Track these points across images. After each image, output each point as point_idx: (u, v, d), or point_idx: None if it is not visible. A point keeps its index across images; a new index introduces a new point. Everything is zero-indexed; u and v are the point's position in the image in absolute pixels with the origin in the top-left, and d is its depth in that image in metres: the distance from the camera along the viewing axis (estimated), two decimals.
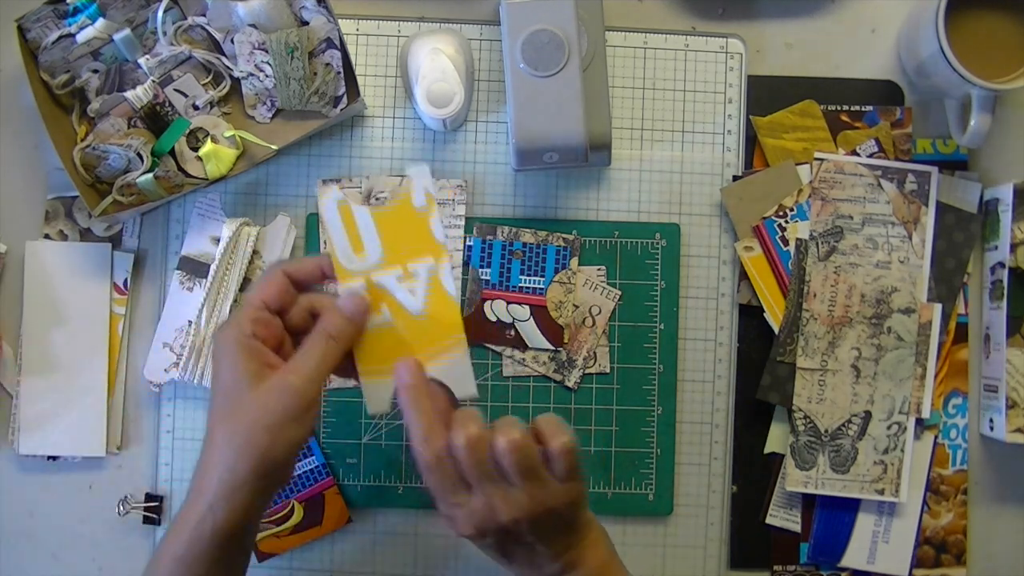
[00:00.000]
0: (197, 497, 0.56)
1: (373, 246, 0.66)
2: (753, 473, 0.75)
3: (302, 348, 0.58)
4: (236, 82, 0.74)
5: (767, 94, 0.77)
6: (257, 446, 0.55)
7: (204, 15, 0.72)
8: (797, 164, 0.75)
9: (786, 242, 0.75)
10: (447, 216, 0.75)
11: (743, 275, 0.76)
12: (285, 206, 0.76)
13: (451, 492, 0.58)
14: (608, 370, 0.75)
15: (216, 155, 0.73)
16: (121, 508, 0.74)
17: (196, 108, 0.73)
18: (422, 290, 0.65)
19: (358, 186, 0.75)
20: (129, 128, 0.72)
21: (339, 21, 0.72)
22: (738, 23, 0.77)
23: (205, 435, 0.57)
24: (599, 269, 0.76)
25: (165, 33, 0.72)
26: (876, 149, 0.76)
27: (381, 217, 0.65)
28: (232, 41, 0.72)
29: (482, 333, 0.75)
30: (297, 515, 0.72)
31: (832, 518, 0.75)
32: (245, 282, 0.74)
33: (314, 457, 0.73)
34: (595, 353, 0.75)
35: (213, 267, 0.73)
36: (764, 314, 0.75)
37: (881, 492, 0.73)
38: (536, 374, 0.75)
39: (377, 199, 0.74)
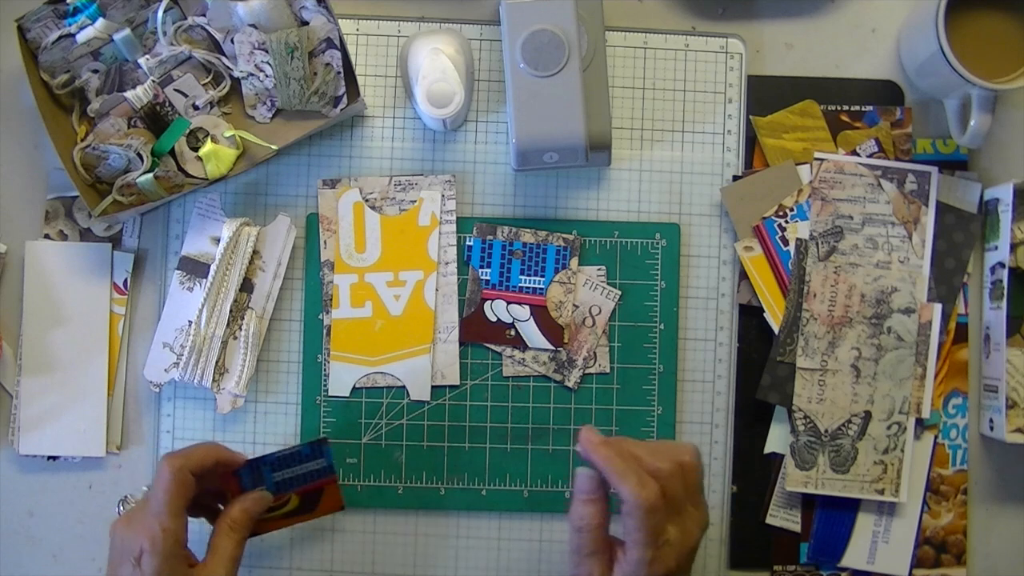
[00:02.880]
0: None
1: (373, 247, 0.74)
2: (753, 473, 0.75)
3: (218, 549, 0.65)
4: (236, 82, 0.74)
5: (767, 94, 0.77)
6: None
7: (204, 15, 0.72)
8: (797, 164, 0.75)
9: (786, 242, 0.75)
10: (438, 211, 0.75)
11: (743, 275, 0.76)
12: (285, 206, 0.76)
13: (662, 531, 0.59)
14: (608, 370, 0.75)
15: (216, 155, 0.73)
16: (121, 508, 0.74)
17: (196, 108, 0.73)
18: (405, 297, 0.74)
19: (358, 186, 0.75)
20: (129, 128, 0.72)
21: (339, 21, 0.72)
22: (738, 23, 0.77)
23: None
24: (599, 269, 0.76)
25: (165, 33, 0.72)
26: (876, 149, 0.76)
27: (387, 223, 0.74)
28: (232, 41, 0.72)
29: (482, 333, 0.75)
30: (292, 504, 0.71)
31: (832, 518, 0.75)
32: (245, 282, 0.74)
33: (324, 459, 0.72)
34: (595, 353, 0.75)
35: (213, 267, 0.73)
36: (764, 314, 0.75)
37: (881, 492, 0.73)
38: (536, 374, 0.75)
39: (367, 200, 0.75)
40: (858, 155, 0.75)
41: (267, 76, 0.73)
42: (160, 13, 0.72)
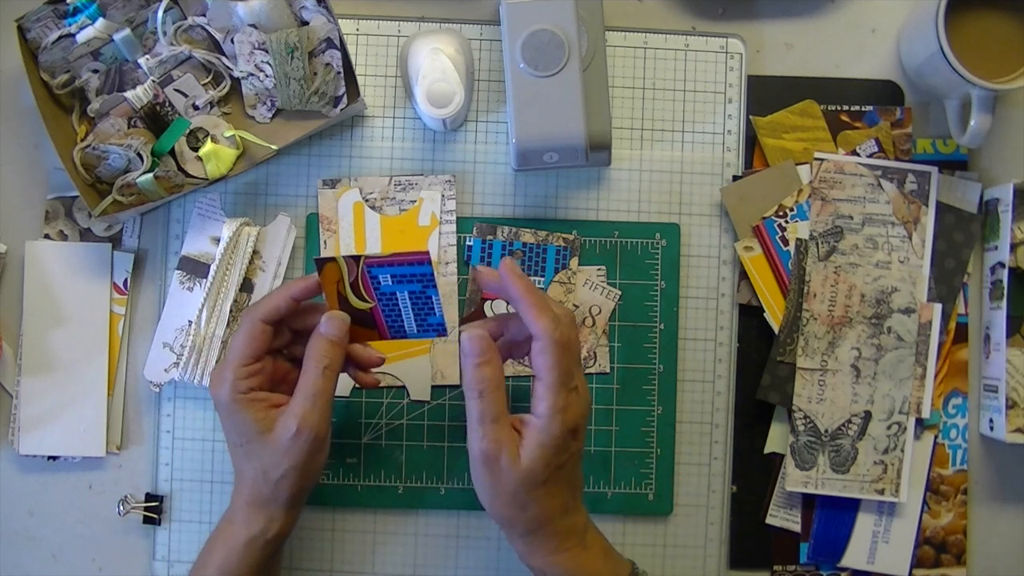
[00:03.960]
0: (245, 519, 0.63)
1: (374, 247, 0.74)
2: (753, 473, 0.75)
3: (299, 385, 0.62)
4: (236, 82, 0.74)
5: (767, 94, 0.77)
6: (290, 485, 0.62)
7: (204, 15, 0.72)
8: (797, 164, 0.75)
9: (786, 242, 0.75)
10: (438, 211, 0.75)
11: (743, 275, 0.76)
12: (285, 206, 0.76)
13: (571, 376, 0.60)
14: (608, 370, 0.75)
15: (216, 155, 0.73)
16: (121, 508, 0.74)
17: (196, 108, 0.73)
18: None
19: (358, 186, 0.75)
20: (129, 128, 0.72)
21: (339, 21, 0.72)
22: (738, 23, 0.77)
23: (236, 473, 0.65)
24: (599, 269, 0.76)
25: (165, 33, 0.72)
26: (876, 149, 0.76)
27: (387, 223, 0.73)
28: (232, 41, 0.72)
29: None
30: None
31: (832, 518, 0.75)
32: (245, 282, 0.74)
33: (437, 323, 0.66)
34: (595, 353, 0.75)
35: (213, 267, 0.73)
36: (764, 314, 0.75)
37: (881, 492, 0.73)
38: None
39: (367, 200, 0.75)
40: (858, 155, 0.75)
41: (267, 76, 0.73)
42: (160, 13, 0.72)
